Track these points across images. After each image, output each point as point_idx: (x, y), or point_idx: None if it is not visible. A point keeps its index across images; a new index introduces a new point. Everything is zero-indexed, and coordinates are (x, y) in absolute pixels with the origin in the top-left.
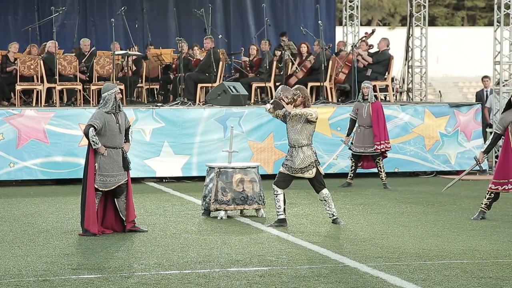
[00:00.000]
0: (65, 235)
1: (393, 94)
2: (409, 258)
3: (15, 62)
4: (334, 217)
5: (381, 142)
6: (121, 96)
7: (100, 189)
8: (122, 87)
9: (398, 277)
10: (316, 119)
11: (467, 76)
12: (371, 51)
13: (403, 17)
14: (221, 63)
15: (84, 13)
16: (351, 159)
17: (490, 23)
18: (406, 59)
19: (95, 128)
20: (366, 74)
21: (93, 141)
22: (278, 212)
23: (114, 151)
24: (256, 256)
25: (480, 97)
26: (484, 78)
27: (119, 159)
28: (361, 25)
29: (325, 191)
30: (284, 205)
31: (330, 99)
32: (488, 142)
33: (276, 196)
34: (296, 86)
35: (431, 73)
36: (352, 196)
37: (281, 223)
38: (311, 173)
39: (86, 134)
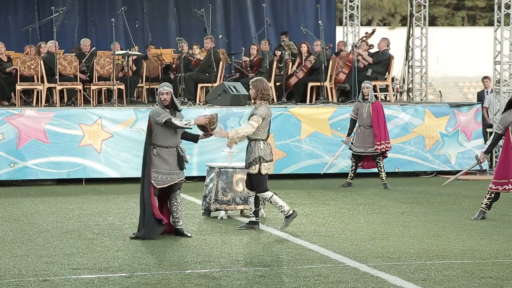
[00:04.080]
0: (65, 235)
1: (393, 94)
2: (410, 258)
3: (8, 62)
4: (251, 219)
5: (382, 142)
6: (167, 97)
7: (155, 185)
8: (122, 87)
9: (398, 277)
10: (263, 119)
11: (467, 76)
12: (371, 51)
13: (403, 17)
14: (221, 63)
15: (84, 13)
16: (351, 159)
17: (490, 23)
18: (406, 59)
19: (170, 119)
20: (366, 74)
21: (186, 124)
22: (250, 214)
23: (165, 151)
24: (256, 256)
25: (481, 98)
26: (484, 78)
27: (171, 158)
28: (361, 25)
29: (265, 194)
30: (257, 207)
31: (330, 99)
32: (488, 142)
33: (248, 199)
34: (254, 78)
35: (431, 73)
36: (353, 196)
37: (251, 225)
38: (254, 169)
39: (176, 127)
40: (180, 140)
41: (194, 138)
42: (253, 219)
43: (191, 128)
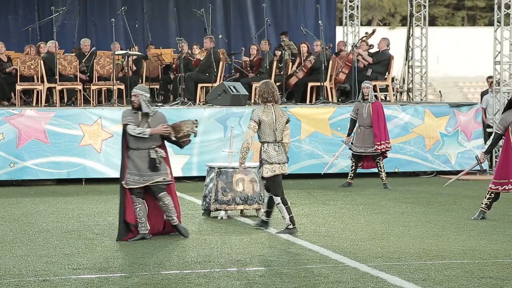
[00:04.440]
0: (65, 235)
1: (393, 94)
2: (409, 258)
3: (8, 62)
4: (262, 218)
5: (382, 142)
6: (135, 99)
7: (124, 186)
8: (122, 87)
9: (398, 277)
10: (258, 122)
11: (467, 76)
12: (371, 51)
13: (403, 17)
14: (221, 63)
15: (84, 13)
16: (351, 159)
17: (490, 23)
18: (406, 59)
19: (127, 124)
20: (366, 74)
21: (139, 133)
22: (262, 214)
23: (135, 153)
24: (256, 256)
25: None
26: (489, 78)
27: (141, 161)
28: (361, 25)
29: (274, 198)
30: (269, 208)
31: (330, 99)
32: (489, 143)
33: (263, 199)
34: (261, 81)
35: (431, 73)
36: (353, 196)
37: (262, 224)
38: (259, 172)
39: (131, 134)
40: (155, 142)
41: (178, 143)
42: (264, 218)
43: (145, 137)
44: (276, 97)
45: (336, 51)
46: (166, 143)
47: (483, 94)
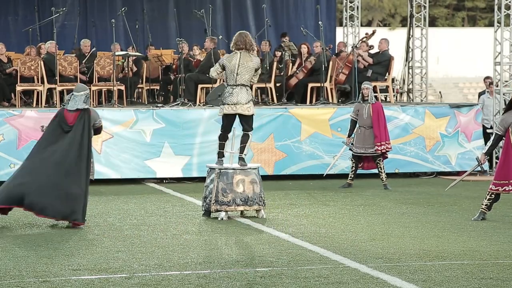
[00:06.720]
0: (65, 235)
1: (394, 95)
2: (410, 259)
3: (8, 63)
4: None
5: (382, 143)
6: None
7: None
8: (123, 87)
9: (398, 278)
10: (222, 67)
11: (467, 77)
12: (372, 51)
13: (403, 18)
14: None
15: (84, 14)
16: (352, 160)
17: (491, 24)
18: (406, 60)
19: None
20: (366, 75)
21: None
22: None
23: None
24: (256, 257)
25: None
26: (486, 78)
27: None
28: (361, 25)
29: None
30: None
31: (330, 100)
32: (489, 143)
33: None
34: (237, 32)
35: (431, 74)
36: (353, 196)
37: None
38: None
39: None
40: None
41: None
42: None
43: None
44: (248, 45)
45: (336, 52)
46: (167, 143)
47: (480, 94)
